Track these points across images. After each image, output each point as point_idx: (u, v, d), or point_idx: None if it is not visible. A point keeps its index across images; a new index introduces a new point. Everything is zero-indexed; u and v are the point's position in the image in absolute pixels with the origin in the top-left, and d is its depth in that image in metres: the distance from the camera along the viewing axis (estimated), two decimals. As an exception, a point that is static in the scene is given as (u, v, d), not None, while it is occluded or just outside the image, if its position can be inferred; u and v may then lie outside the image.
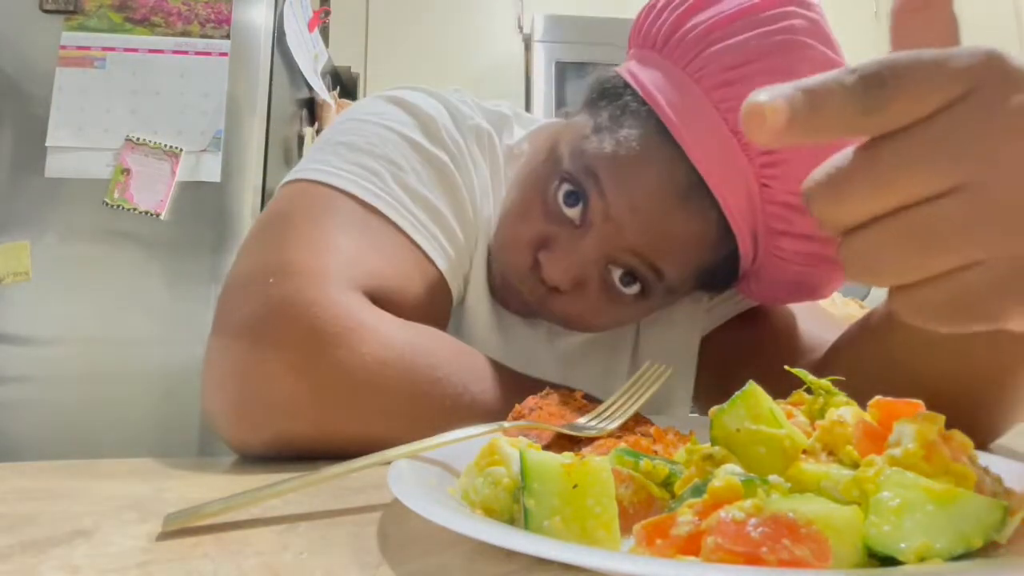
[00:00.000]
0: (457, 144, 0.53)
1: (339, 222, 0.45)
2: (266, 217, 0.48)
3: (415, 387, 0.41)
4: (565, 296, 0.49)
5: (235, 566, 0.21)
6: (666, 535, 0.20)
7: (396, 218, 0.47)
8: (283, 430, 0.40)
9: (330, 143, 0.50)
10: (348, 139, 0.50)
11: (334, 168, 0.48)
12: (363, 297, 0.42)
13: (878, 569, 0.19)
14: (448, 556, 0.22)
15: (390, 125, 0.51)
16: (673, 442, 0.34)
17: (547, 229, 0.48)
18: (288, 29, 1.54)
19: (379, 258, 0.45)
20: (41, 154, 1.34)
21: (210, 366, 0.41)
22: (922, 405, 0.24)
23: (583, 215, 0.47)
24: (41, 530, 0.25)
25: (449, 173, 0.51)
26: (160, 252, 1.34)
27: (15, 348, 1.30)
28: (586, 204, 0.47)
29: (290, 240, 0.43)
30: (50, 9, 1.39)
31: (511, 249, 0.51)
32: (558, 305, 0.50)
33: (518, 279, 0.51)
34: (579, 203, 0.47)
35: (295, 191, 0.48)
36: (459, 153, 0.53)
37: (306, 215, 0.45)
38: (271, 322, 0.39)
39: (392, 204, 0.47)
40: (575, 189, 0.47)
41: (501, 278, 0.53)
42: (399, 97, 0.53)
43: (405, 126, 0.51)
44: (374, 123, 0.51)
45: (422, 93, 0.55)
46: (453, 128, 0.53)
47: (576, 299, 0.49)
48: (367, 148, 0.49)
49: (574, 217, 0.48)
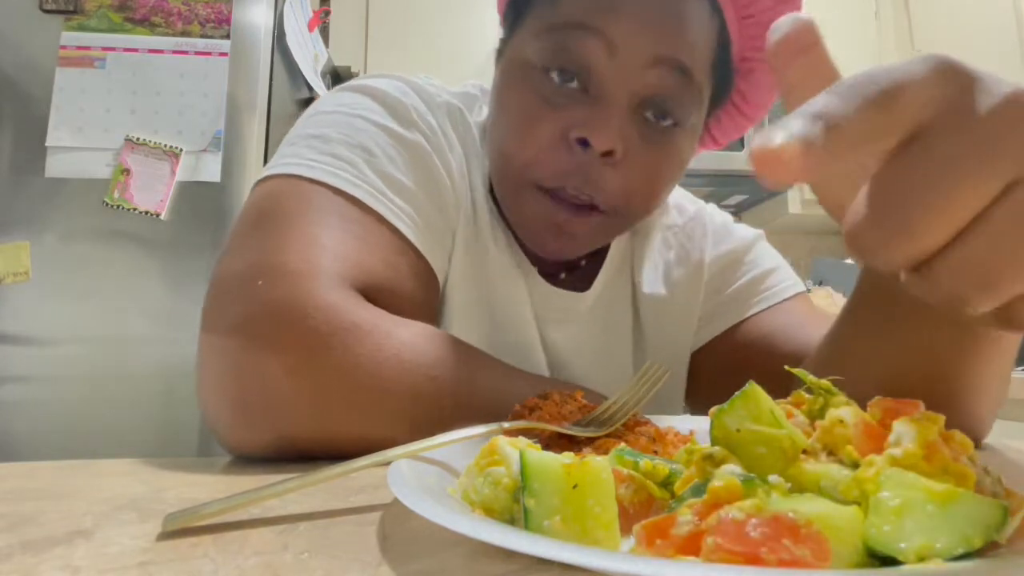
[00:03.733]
0: (429, 125, 0.53)
1: (320, 216, 0.45)
2: (246, 216, 0.47)
3: (414, 387, 0.41)
4: (619, 169, 0.48)
5: (235, 566, 0.21)
6: (666, 535, 0.20)
7: (375, 205, 0.46)
8: (283, 431, 0.40)
9: (301, 137, 0.50)
10: (319, 131, 0.49)
11: (308, 160, 0.47)
12: (356, 295, 0.42)
13: (878, 569, 0.19)
14: (448, 556, 0.22)
15: (360, 113, 0.50)
16: (673, 442, 0.34)
17: (563, 114, 0.48)
18: (288, 29, 1.54)
19: (365, 251, 0.45)
20: (41, 154, 1.34)
21: (205, 370, 0.41)
22: (922, 405, 0.24)
23: (587, 76, 0.47)
24: (41, 530, 0.25)
25: (424, 154, 0.51)
26: (160, 252, 1.34)
27: (15, 348, 1.30)
28: (584, 65, 0.47)
29: (275, 240, 0.43)
30: (50, 9, 1.39)
31: (542, 156, 0.49)
32: (615, 182, 0.49)
33: (561, 181, 0.49)
34: (576, 75, 0.47)
35: (272, 188, 0.47)
36: (432, 133, 0.53)
37: (287, 212, 0.45)
38: (266, 324, 0.39)
39: (369, 191, 0.46)
40: (563, 65, 0.47)
41: (532, 218, 0.51)
42: (365, 85, 0.53)
43: (375, 113, 0.51)
44: (343, 113, 0.51)
45: (387, 79, 0.55)
46: (424, 108, 0.53)
47: (630, 165, 0.48)
48: (339, 138, 0.48)
49: (578, 86, 0.48)
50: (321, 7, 2.00)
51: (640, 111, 0.48)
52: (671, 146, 0.50)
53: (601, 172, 0.48)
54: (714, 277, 0.63)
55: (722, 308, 0.61)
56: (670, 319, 0.62)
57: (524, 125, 0.49)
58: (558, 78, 0.48)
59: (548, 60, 0.48)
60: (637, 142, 0.48)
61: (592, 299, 0.60)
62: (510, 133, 0.50)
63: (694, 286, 0.63)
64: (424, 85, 0.56)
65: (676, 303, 0.62)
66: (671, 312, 0.62)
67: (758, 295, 0.60)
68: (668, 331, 0.62)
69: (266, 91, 1.46)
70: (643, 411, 0.39)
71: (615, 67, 0.46)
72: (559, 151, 0.48)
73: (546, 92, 0.48)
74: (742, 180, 2.21)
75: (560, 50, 0.47)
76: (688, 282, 0.63)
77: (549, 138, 0.48)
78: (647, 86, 0.47)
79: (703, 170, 2.11)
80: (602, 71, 0.47)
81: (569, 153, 0.48)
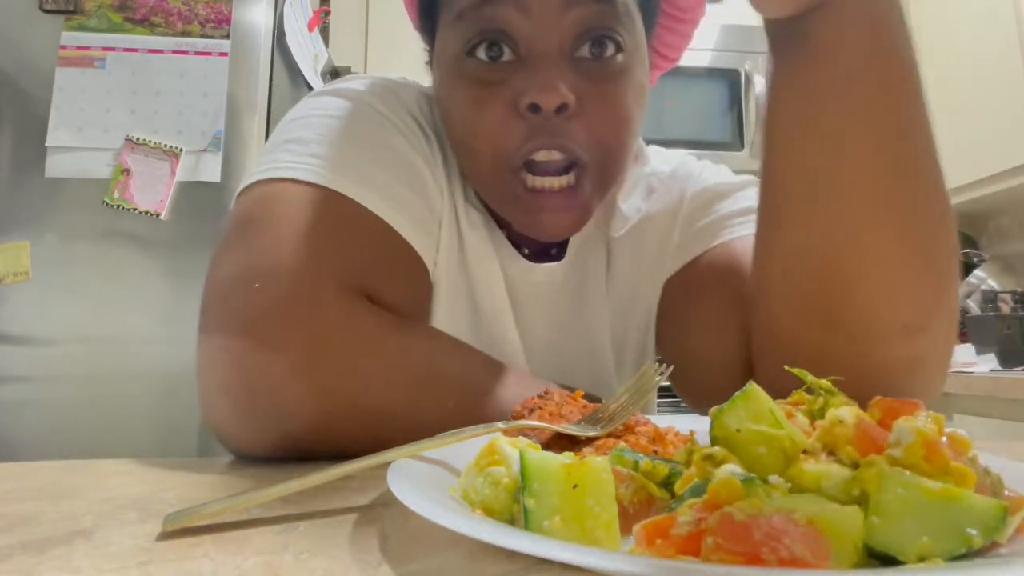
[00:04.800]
0: (403, 119, 0.53)
1: (309, 216, 0.44)
2: (234, 223, 0.46)
3: (417, 386, 0.41)
4: (581, 116, 0.48)
5: (235, 566, 0.21)
6: (666, 535, 0.20)
7: (361, 200, 0.46)
8: (289, 432, 0.40)
9: (278, 144, 0.50)
10: (296, 135, 0.49)
11: (287, 163, 0.47)
12: (356, 294, 0.42)
13: (878, 569, 0.19)
14: (448, 556, 0.22)
15: (334, 114, 0.51)
16: (673, 442, 0.34)
17: (505, 88, 0.47)
18: (288, 29, 1.54)
19: (357, 248, 0.45)
20: (41, 154, 1.34)
21: (207, 373, 0.41)
22: (922, 405, 0.24)
23: (514, 44, 0.48)
24: (41, 530, 0.25)
25: (403, 148, 0.51)
26: (160, 252, 1.34)
27: (15, 348, 1.30)
28: (505, 33, 0.47)
29: (266, 242, 0.42)
30: (50, 9, 1.39)
31: (500, 134, 0.48)
32: (581, 131, 0.48)
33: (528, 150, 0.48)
34: (502, 45, 0.48)
35: (256, 194, 0.47)
36: (407, 127, 0.53)
37: (274, 214, 0.44)
38: (268, 327, 0.39)
39: (354, 188, 0.46)
40: (488, 35, 0.48)
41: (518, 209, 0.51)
42: (337, 88, 0.54)
43: (350, 112, 0.51)
44: (318, 116, 0.51)
45: (357, 79, 0.55)
46: (396, 103, 0.53)
47: (590, 108, 0.48)
48: (316, 139, 0.48)
49: (511, 56, 0.48)
50: (321, 7, 2.00)
51: (577, 53, 0.48)
52: (622, 75, 0.49)
53: (563, 127, 0.47)
54: (693, 211, 0.60)
55: (695, 235, 0.58)
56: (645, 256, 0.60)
57: (473, 112, 0.49)
58: (486, 55, 0.48)
59: (471, 43, 0.48)
60: (587, 85, 0.47)
61: (567, 267, 0.59)
62: (464, 126, 0.50)
63: (669, 221, 0.60)
64: (395, 80, 0.56)
65: (648, 241, 0.60)
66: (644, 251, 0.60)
67: (734, 224, 0.56)
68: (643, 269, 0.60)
69: (266, 91, 1.46)
70: (643, 411, 0.39)
71: (534, 24, 0.46)
72: (514, 123, 0.47)
73: (482, 74, 0.48)
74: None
75: (477, 30, 0.47)
76: (664, 218, 0.61)
77: (501, 115, 0.48)
78: (572, 28, 0.47)
79: (703, 170, 2.11)
80: (523, 32, 0.47)
81: (525, 121, 0.47)
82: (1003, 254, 2.25)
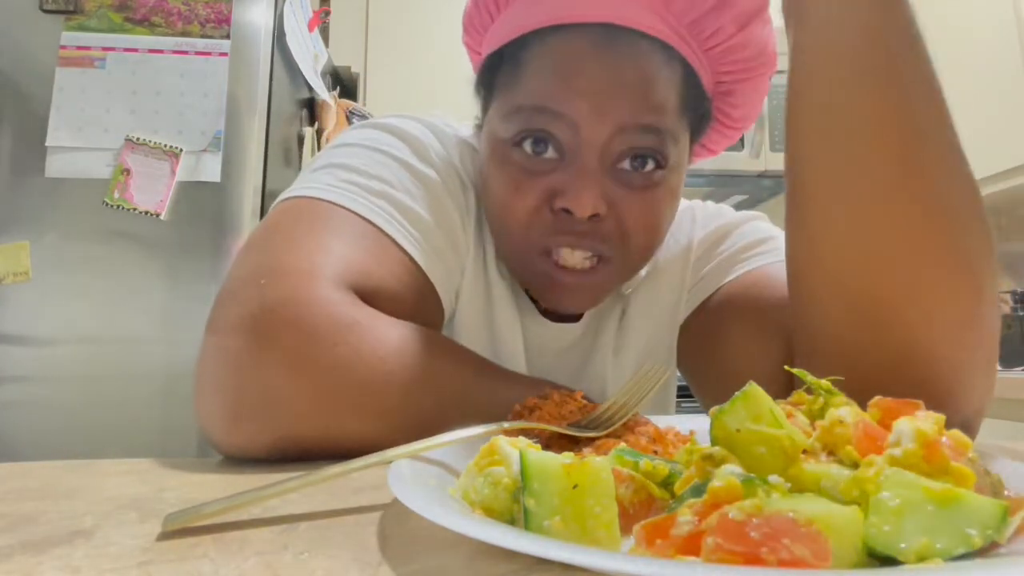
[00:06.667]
0: (446, 165, 0.55)
1: (330, 228, 0.46)
2: (258, 230, 0.48)
3: (413, 385, 0.41)
4: (609, 221, 0.49)
5: (235, 566, 0.21)
6: (666, 535, 0.20)
7: (388, 229, 0.48)
8: (282, 430, 0.39)
9: (323, 166, 0.52)
10: (340, 161, 0.51)
11: (326, 185, 0.49)
12: (354, 295, 0.42)
13: (878, 569, 0.19)
14: (448, 556, 0.22)
15: (381, 148, 0.52)
16: (673, 442, 0.34)
17: (544, 181, 0.49)
18: (288, 29, 1.54)
19: (372, 261, 0.46)
20: (41, 154, 1.34)
21: (204, 370, 0.41)
22: (922, 405, 0.24)
23: (559, 145, 0.48)
24: (41, 530, 0.25)
25: (440, 192, 0.53)
26: (160, 252, 1.34)
27: (15, 348, 1.30)
28: (554, 136, 0.48)
29: (280, 245, 0.44)
30: (50, 9, 1.39)
31: (532, 222, 0.50)
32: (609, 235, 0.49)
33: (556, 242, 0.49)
34: (548, 143, 0.48)
35: (287, 206, 0.49)
36: (448, 173, 0.54)
37: (296, 223, 0.46)
38: (266, 322, 0.39)
39: (385, 217, 0.48)
40: (535, 134, 0.48)
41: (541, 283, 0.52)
42: (387, 123, 0.55)
43: (395, 148, 0.53)
44: (365, 147, 0.53)
45: (406, 118, 0.57)
46: (440, 148, 0.55)
47: (620, 215, 0.49)
48: (359, 168, 0.50)
49: (554, 154, 0.49)
50: (321, 7, 2.00)
51: (617, 165, 0.49)
52: (656, 187, 0.50)
53: (593, 228, 0.49)
54: (702, 255, 0.62)
55: (707, 275, 0.60)
56: (658, 306, 0.62)
57: (510, 195, 0.50)
58: (531, 149, 0.49)
59: (519, 136, 0.49)
60: (621, 194, 0.49)
61: (582, 327, 0.61)
62: (499, 203, 0.52)
63: (680, 268, 0.63)
64: (441, 126, 0.58)
65: (661, 291, 0.62)
66: (658, 301, 0.62)
67: (744, 260, 0.58)
68: (657, 318, 0.62)
69: (266, 91, 1.46)
70: (642, 411, 0.39)
71: (582, 140, 0.47)
72: (547, 216, 0.49)
73: (523, 163, 0.49)
74: (742, 180, 2.21)
75: (527, 127, 0.49)
76: (674, 266, 0.63)
77: (535, 206, 0.49)
78: (617, 147, 0.48)
79: (703, 170, 2.11)
80: (570, 143, 0.48)
81: (556, 219, 0.49)
82: (1003, 254, 2.25)
